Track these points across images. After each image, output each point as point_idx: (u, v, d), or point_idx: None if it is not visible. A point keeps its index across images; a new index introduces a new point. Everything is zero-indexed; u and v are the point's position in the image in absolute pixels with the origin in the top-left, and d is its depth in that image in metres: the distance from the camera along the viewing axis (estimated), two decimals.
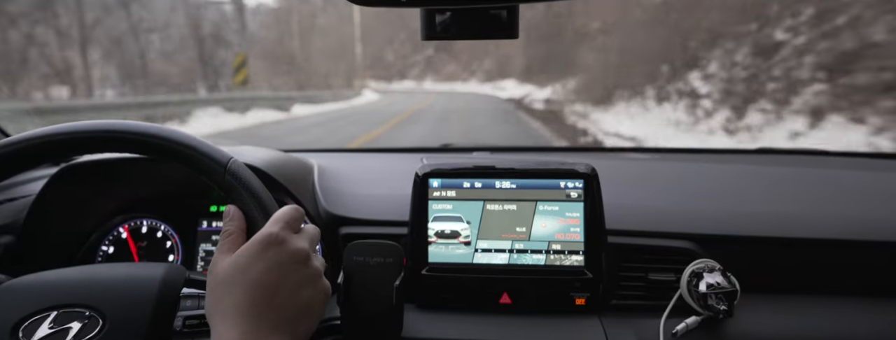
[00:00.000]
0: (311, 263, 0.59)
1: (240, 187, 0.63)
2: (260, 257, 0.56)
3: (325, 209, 0.97)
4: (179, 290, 0.64)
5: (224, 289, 0.55)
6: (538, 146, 1.46)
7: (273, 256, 0.56)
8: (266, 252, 0.56)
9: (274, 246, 0.57)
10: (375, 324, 0.76)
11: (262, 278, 0.55)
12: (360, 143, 8.23)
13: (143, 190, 1.07)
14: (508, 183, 0.90)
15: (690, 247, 0.90)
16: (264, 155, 0.99)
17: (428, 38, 0.66)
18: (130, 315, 0.59)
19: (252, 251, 0.56)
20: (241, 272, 0.55)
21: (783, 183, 1.13)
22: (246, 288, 0.54)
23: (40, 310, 0.59)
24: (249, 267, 0.55)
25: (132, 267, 0.67)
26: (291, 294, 0.56)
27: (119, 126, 0.63)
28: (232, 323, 0.53)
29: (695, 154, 1.56)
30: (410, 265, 0.89)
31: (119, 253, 1.05)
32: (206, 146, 0.65)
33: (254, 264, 0.55)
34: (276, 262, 0.56)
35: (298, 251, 0.58)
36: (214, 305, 0.55)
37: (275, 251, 0.56)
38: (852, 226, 0.93)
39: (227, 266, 0.56)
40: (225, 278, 0.56)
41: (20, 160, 0.61)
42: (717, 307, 0.81)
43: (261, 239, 0.57)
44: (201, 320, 0.63)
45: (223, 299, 0.54)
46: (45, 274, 0.64)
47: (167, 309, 0.61)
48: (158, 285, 0.62)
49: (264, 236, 0.57)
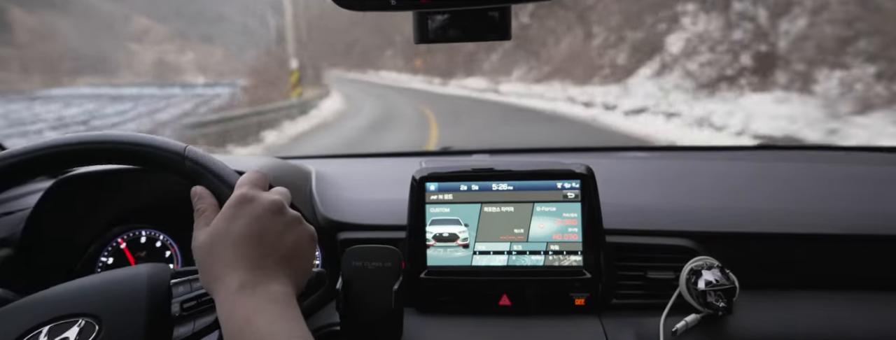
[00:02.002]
0: (287, 211, 0.60)
1: (202, 169, 0.65)
2: (236, 215, 0.57)
3: (323, 215, 0.97)
4: (168, 281, 0.64)
5: (211, 255, 0.56)
6: (536, 147, 1.47)
7: (248, 211, 0.57)
8: (240, 210, 0.57)
9: (246, 203, 0.58)
10: (375, 329, 0.76)
11: (243, 231, 0.56)
12: None
13: (140, 200, 1.06)
14: (505, 185, 0.90)
15: (688, 245, 0.90)
16: (260, 162, 1.00)
17: (421, 41, 0.66)
18: (125, 314, 0.59)
19: (227, 214, 0.58)
20: (222, 234, 0.56)
21: (780, 179, 1.13)
22: (232, 246, 0.55)
23: (32, 328, 0.58)
24: (229, 227, 0.56)
25: (116, 271, 0.67)
26: (276, 240, 0.57)
27: (67, 140, 0.64)
28: (229, 279, 0.54)
29: (690, 151, 1.57)
30: (409, 269, 0.89)
31: (118, 263, 1.05)
32: (158, 140, 0.66)
33: (232, 223, 0.57)
34: (253, 216, 0.57)
35: (272, 202, 0.59)
36: (208, 273, 0.56)
37: (248, 206, 0.58)
38: (850, 221, 0.93)
39: (207, 234, 0.57)
40: (209, 244, 0.57)
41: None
42: (716, 304, 0.81)
43: (232, 201, 0.58)
44: (198, 300, 0.63)
45: (214, 263, 0.55)
46: (33, 295, 0.64)
47: (161, 301, 0.62)
48: (146, 281, 0.62)
49: (234, 197, 0.59)
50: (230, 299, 0.53)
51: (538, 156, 1.55)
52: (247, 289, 0.53)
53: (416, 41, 0.67)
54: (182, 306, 0.63)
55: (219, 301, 0.54)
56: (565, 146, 1.71)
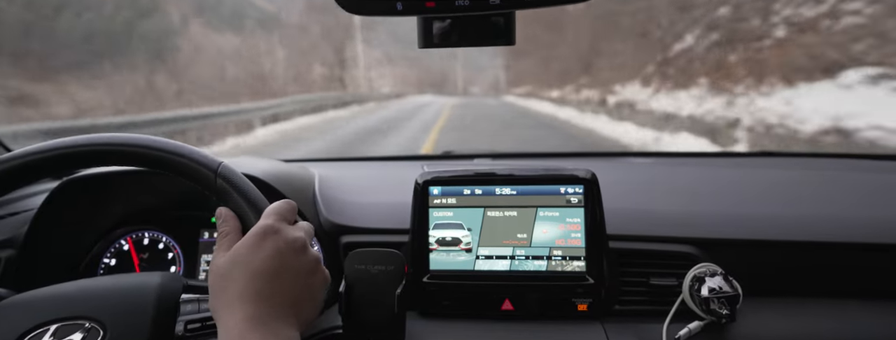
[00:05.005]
0: (309, 251, 0.60)
1: (232, 189, 0.64)
2: (259, 246, 0.57)
3: (327, 218, 0.97)
4: (178, 296, 0.64)
5: (226, 281, 0.56)
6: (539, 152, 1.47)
7: (271, 245, 0.57)
8: (264, 241, 0.57)
9: (271, 235, 0.57)
10: (377, 332, 0.76)
11: (262, 266, 0.56)
12: None
13: (143, 203, 1.07)
14: (509, 190, 0.90)
15: (692, 251, 0.90)
16: (265, 166, 1.00)
17: (426, 46, 0.67)
18: (130, 324, 0.59)
19: (250, 242, 0.57)
20: (241, 262, 0.56)
21: (784, 186, 1.13)
22: (248, 277, 0.55)
23: (40, 325, 0.59)
24: (249, 256, 0.56)
25: (129, 276, 0.67)
26: (292, 280, 0.57)
27: (107, 139, 0.64)
28: (236, 309, 0.53)
29: (695, 157, 1.56)
30: (412, 272, 0.89)
31: (121, 265, 1.06)
32: (195, 153, 0.65)
33: (253, 253, 0.56)
34: (275, 250, 0.57)
35: (296, 239, 0.58)
36: (218, 298, 0.56)
37: (272, 239, 0.57)
38: (854, 229, 0.92)
39: (227, 259, 0.57)
40: (226, 270, 0.56)
41: (16, 176, 0.62)
42: (719, 311, 0.81)
43: (257, 231, 0.58)
44: (203, 323, 0.63)
45: (227, 290, 0.55)
46: (43, 289, 0.64)
47: (167, 316, 0.62)
48: (156, 292, 0.62)
49: (260, 227, 0.58)
50: (235, 330, 0.52)
51: (541, 160, 1.55)
52: (253, 323, 0.53)
53: (421, 46, 0.67)
54: (186, 326, 0.63)
55: (222, 329, 0.54)
56: (568, 151, 1.71)
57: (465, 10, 0.62)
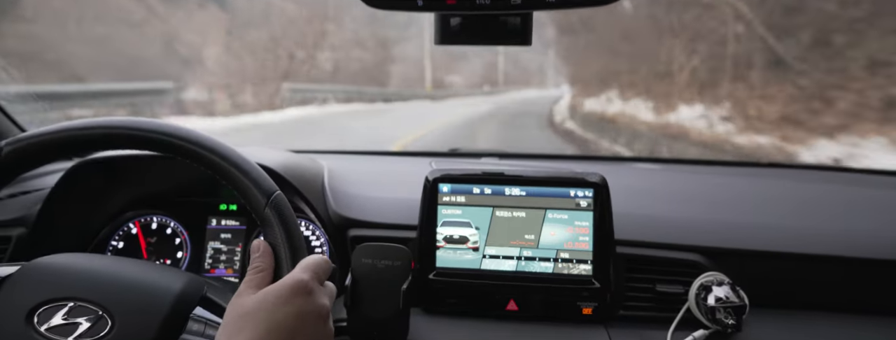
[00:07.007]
0: (329, 322, 0.60)
1: (278, 223, 0.62)
2: (288, 301, 0.57)
3: (335, 211, 0.97)
4: (193, 307, 0.64)
5: (244, 322, 0.56)
6: (547, 153, 1.46)
7: (300, 304, 0.57)
8: (294, 297, 0.57)
9: (302, 294, 0.58)
10: (381, 327, 0.76)
11: (285, 321, 0.56)
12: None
13: (154, 187, 1.07)
14: (518, 191, 0.89)
15: (699, 260, 0.89)
16: (275, 156, 1.00)
17: (442, 42, 0.67)
18: (138, 325, 0.60)
19: (281, 293, 0.57)
20: (266, 310, 0.56)
21: (795, 198, 1.12)
22: (267, 328, 0.55)
23: (59, 298, 0.59)
24: (276, 308, 0.56)
25: (154, 271, 0.66)
26: None
27: (181, 132, 0.62)
28: None
29: (706, 166, 1.55)
30: (418, 269, 0.89)
31: (128, 248, 1.06)
32: (256, 172, 0.63)
33: (280, 306, 0.56)
34: (302, 310, 0.57)
35: (323, 306, 0.59)
36: (229, 336, 0.56)
37: (302, 299, 0.57)
38: (864, 244, 0.91)
39: (254, 301, 0.57)
40: (248, 312, 0.56)
41: (82, 144, 0.61)
42: (725, 321, 0.80)
43: (291, 284, 0.58)
44: None
45: (242, 331, 0.55)
46: (71, 258, 0.64)
47: (175, 327, 0.62)
48: (174, 298, 0.62)
49: (295, 282, 0.58)
50: None
51: (549, 162, 1.54)
52: None
53: (437, 42, 0.67)
54: None
55: None
56: (574, 154, 1.70)
57: (485, 8, 0.61)
